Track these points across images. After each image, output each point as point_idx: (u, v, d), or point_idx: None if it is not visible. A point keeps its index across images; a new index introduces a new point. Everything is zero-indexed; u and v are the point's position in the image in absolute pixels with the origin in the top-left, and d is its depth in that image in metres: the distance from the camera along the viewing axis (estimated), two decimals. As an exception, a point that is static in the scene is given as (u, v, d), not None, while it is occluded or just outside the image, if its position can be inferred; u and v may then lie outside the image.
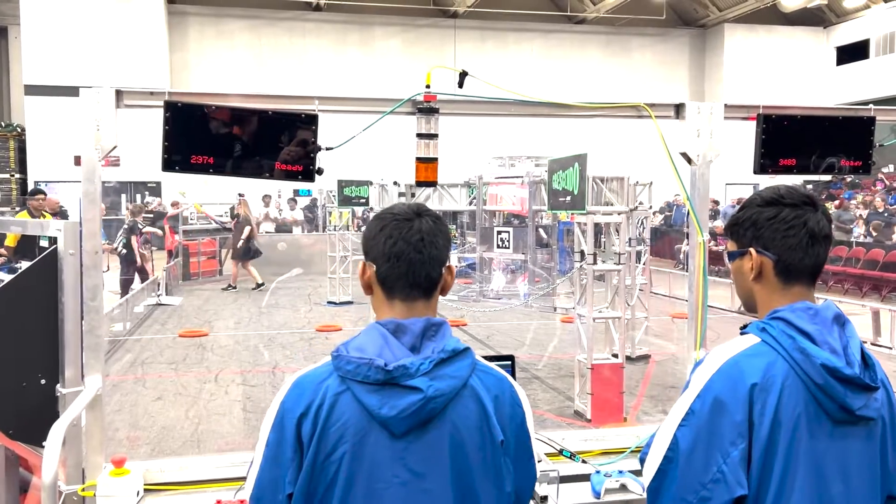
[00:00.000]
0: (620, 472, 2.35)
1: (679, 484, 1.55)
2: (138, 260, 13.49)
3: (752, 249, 1.69)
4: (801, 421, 1.54)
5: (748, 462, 1.53)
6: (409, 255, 1.58)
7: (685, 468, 1.54)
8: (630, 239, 9.11)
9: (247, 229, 15.46)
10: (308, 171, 2.42)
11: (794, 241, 1.65)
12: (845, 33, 28.46)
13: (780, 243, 1.66)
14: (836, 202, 20.30)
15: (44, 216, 8.81)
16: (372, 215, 2.53)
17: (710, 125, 2.71)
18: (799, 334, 1.58)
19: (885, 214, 17.29)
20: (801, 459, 1.53)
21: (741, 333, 1.68)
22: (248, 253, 15.64)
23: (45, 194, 10.20)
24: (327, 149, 2.40)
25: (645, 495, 1.64)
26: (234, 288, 15.50)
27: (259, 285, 15.35)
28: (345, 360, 1.51)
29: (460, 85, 2.53)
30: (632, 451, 2.56)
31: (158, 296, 14.09)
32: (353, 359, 1.50)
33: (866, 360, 1.60)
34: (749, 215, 1.71)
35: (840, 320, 1.63)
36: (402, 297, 1.60)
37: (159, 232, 16.15)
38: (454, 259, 16.97)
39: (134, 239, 13.41)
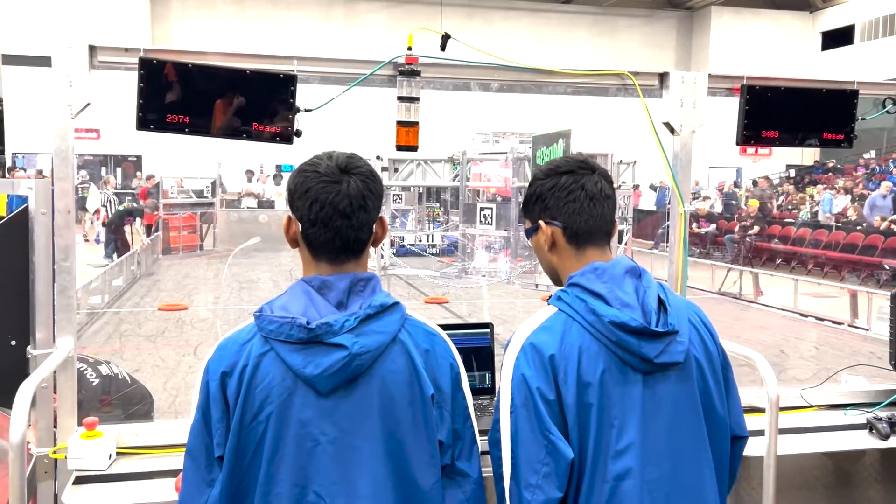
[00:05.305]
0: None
1: (522, 470, 1.56)
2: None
3: (541, 222, 1.74)
4: (606, 378, 1.57)
5: (565, 428, 1.55)
6: (337, 223, 1.51)
7: (523, 453, 1.56)
8: (613, 218, 9.13)
9: None
10: (286, 134, 2.38)
11: (575, 205, 1.69)
12: (831, 18, 28.56)
13: (563, 209, 1.70)
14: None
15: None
16: None
17: (693, 95, 2.69)
18: (590, 296, 1.61)
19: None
20: (614, 413, 1.56)
21: (548, 304, 1.71)
22: None
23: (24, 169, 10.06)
24: (306, 110, 2.36)
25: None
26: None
27: None
28: (267, 319, 1.48)
29: (443, 48, 2.49)
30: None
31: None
32: (275, 318, 1.47)
33: (665, 307, 1.62)
34: (534, 190, 1.76)
35: (635, 272, 1.67)
36: (329, 260, 1.54)
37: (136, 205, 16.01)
38: (437, 237, 16.97)
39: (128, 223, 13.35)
